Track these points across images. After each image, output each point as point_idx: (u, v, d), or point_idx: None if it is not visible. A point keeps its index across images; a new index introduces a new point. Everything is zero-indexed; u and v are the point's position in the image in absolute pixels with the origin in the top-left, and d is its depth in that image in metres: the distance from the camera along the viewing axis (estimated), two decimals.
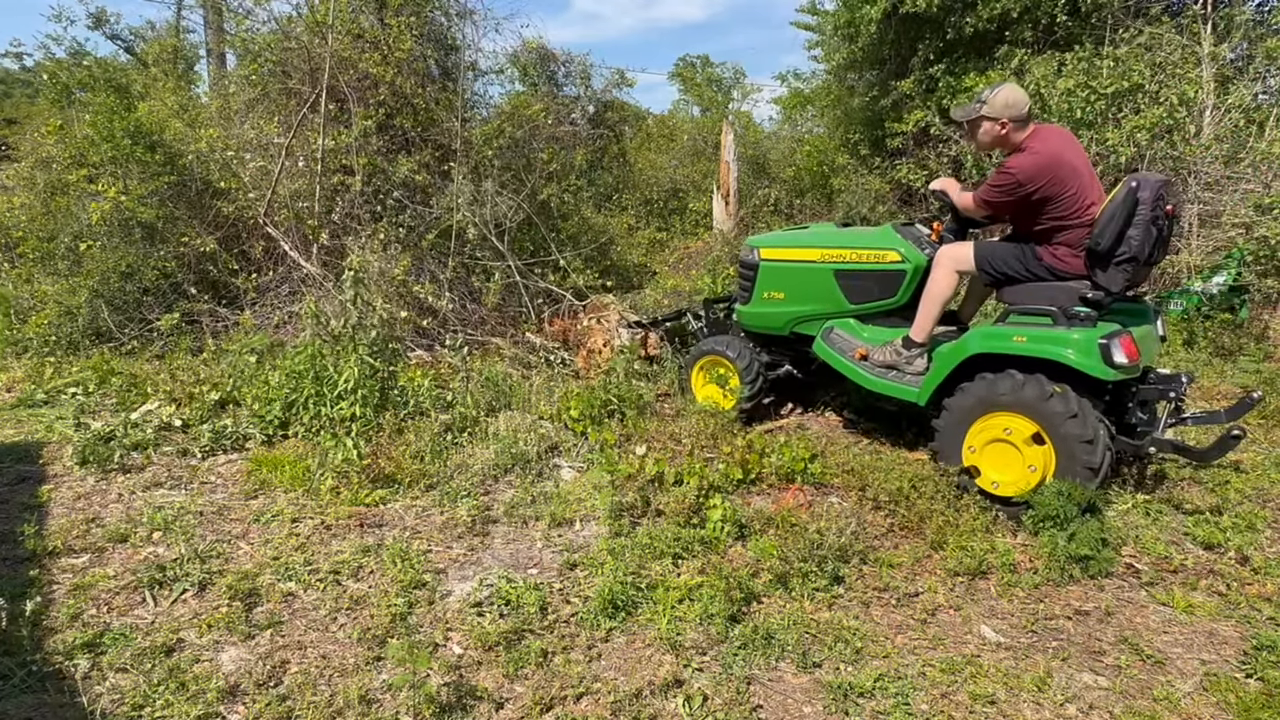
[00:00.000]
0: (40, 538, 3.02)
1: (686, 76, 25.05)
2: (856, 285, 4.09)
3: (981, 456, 3.37)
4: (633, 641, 2.49)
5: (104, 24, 9.31)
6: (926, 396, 3.62)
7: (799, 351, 4.55)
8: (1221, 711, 2.22)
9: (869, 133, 10.00)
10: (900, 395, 3.76)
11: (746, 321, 4.62)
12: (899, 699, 2.22)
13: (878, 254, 3.98)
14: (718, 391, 4.58)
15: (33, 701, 2.13)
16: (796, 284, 4.30)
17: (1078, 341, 3.11)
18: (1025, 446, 3.22)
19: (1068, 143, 3.43)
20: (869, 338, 4.08)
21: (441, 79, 7.54)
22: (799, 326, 4.36)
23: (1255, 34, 7.38)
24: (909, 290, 3.93)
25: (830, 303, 4.20)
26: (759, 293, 4.45)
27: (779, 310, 4.40)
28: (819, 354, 4.19)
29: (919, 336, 3.75)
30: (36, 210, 6.61)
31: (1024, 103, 3.38)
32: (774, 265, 4.39)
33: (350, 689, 2.20)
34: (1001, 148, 3.55)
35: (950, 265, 3.64)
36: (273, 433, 4.19)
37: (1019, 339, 3.26)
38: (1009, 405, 3.26)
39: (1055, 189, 3.27)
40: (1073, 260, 3.33)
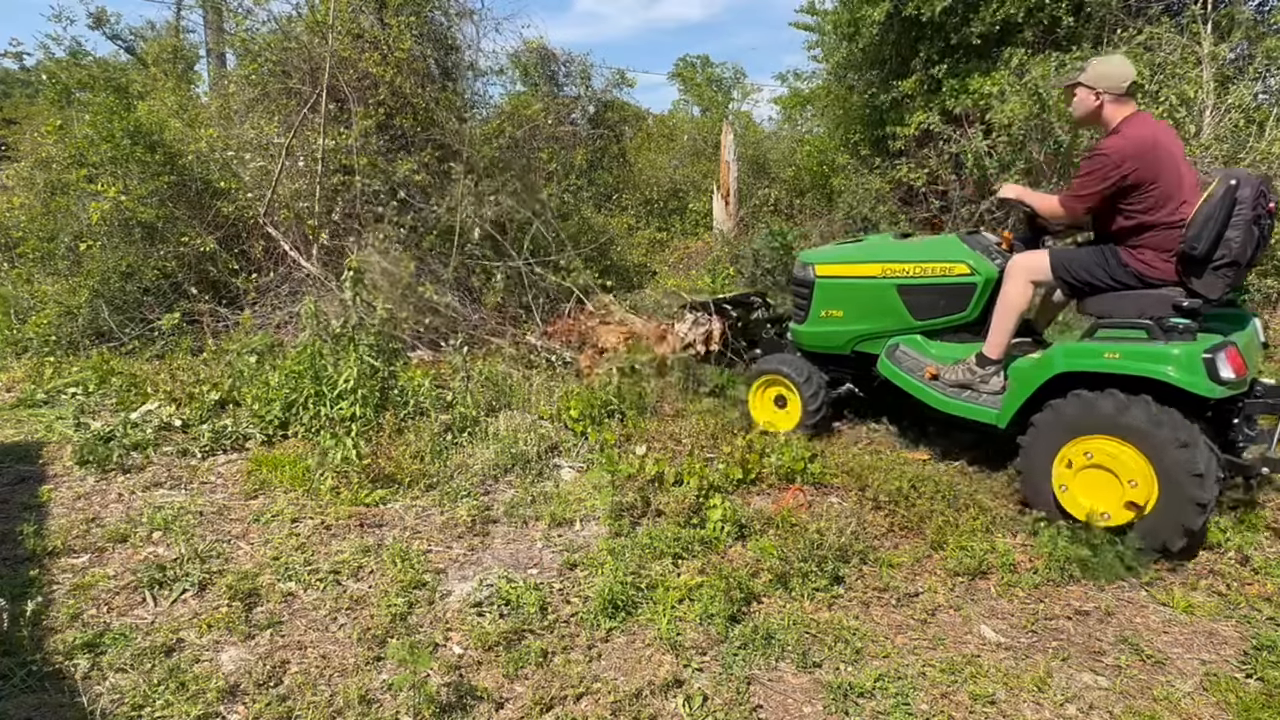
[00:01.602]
0: (40, 538, 3.02)
1: (686, 76, 25.06)
2: (922, 301, 3.86)
3: (1074, 484, 3.07)
4: (633, 641, 2.49)
5: (104, 24, 9.31)
6: (1008, 418, 3.34)
7: (861, 369, 4.30)
8: (1221, 711, 2.22)
9: (869, 132, 9.99)
10: (977, 417, 3.50)
11: (804, 341, 4.38)
12: (899, 699, 2.22)
13: (944, 266, 3.75)
14: (777, 413, 4.38)
15: (33, 701, 2.13)
16: (856, 301, 4.07)
17: (1178, 357, 2.82)
18: (1125, 475, 2.91)
19: (1165, 130, 3.18)
20: (938, 355, 3.84)
21: (441, 79, 7.54)
22: (861, 345, 4.13)
23: (1255, 34, 7.37)
24: (980, 304, 3.70)
25: (894, 320, 3.96)
26: (816, 311, 4.23)
27: (838, 329, 4.17)
28: (884, 374, 3.94)
29: (993, 353, 3.51)
30: (36, 210, 6.61)
31: (1123, 76, 3.09)
32: (831, 282, 4.16)
33: (350, 689, 2.20)
34: (1094, 124, 3.29)
35: (1024, 276, 3.39)
36: (273, 433, 4.19)
37: (1111, 355, 2.97)
38: (1107, 429, 2.95)
39: (1149, 174, 3.00)
40: (1162, 265, 3.07)
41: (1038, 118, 6.97)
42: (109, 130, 6.12)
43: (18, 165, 7.51)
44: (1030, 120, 7.02)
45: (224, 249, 6.35)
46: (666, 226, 11.78)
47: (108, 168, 6.26)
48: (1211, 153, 6.47)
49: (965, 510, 3.30)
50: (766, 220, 9.24)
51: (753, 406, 4.50)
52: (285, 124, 6.58)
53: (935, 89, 8.73)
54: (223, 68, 11.33)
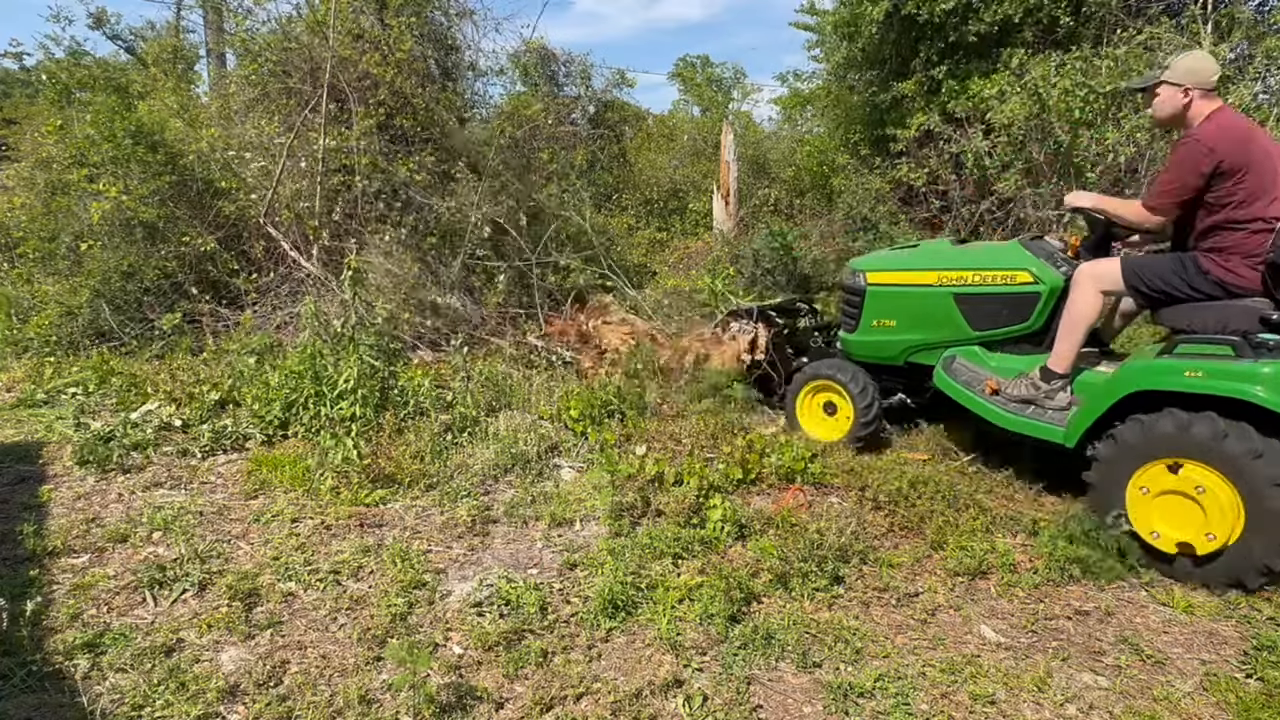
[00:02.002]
0: (40, 538, 3.02)
1: (686, 76, 25.04)
2: (982, 310, 3.70)
3: (1150, 509, 2.86)
4: (633, 641, 2.49)
5: (104, 24, 9.31)
6: (1076, 437, 3.13)
7: (913, 380, 4.17)
8: (1221, 711, 2.22)
9: (869, 133, 10.00)
10: (1042, 435, 3.29)
11: (854, 351, 4.25)
12: (899, 699, 2.22)
13: (1006, 275, 3.59)
14: (825, 420, 4.24)
15: (33, 701, 2.13)
16: (911, 310, 3.93)
17: (1269, 376, 2.61)
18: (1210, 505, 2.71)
19: (1257, 126, 3.02)
20: (997, 367, 3.69)
21: (441, 79, 7.54)
22: (915, 356, 4.00)
23: (1255, 34, 7.37)
24: (1044, 314, 3.54)
25: (950, 330, 3.82)
26: (867, 320, 4.10)
27: (891, 339, 4.04)
28: (941, 386, 3.77)
29: (1059, 367, 3.32)
30: (37, 210, 6.61)
31: (1211, 70, 2.93)
32: (884, 290, 4.02)
33: (350, 689, 2.20)
34: (1179, 124, 3.09)
35: (1093, 285, 3.19)
36: (273, 433, 4.19)
37: (1193, 374, 2.77)
38: (1195, 453, 2.72)
39: (1240, 160, 2.80)
40: (1247, 273, 2.86)
41: (1038, 118, 6.97)
42: (110, 130, 6.13)
43: (18, 165, 7.51)
44: (1030, 120, 7.02)
45: (224, 249, 6.35)
46: (666, 226, 11.78)
47: (109, 168, 6.26)
48: None
49: (965, 510, 3.30)
50: (766, 220, 9.24)
51: (799, 413, 4.33)
52: (285, 124, 6.58)
53: (935, 89, 8.74)
54: (223, 68, 11.32)
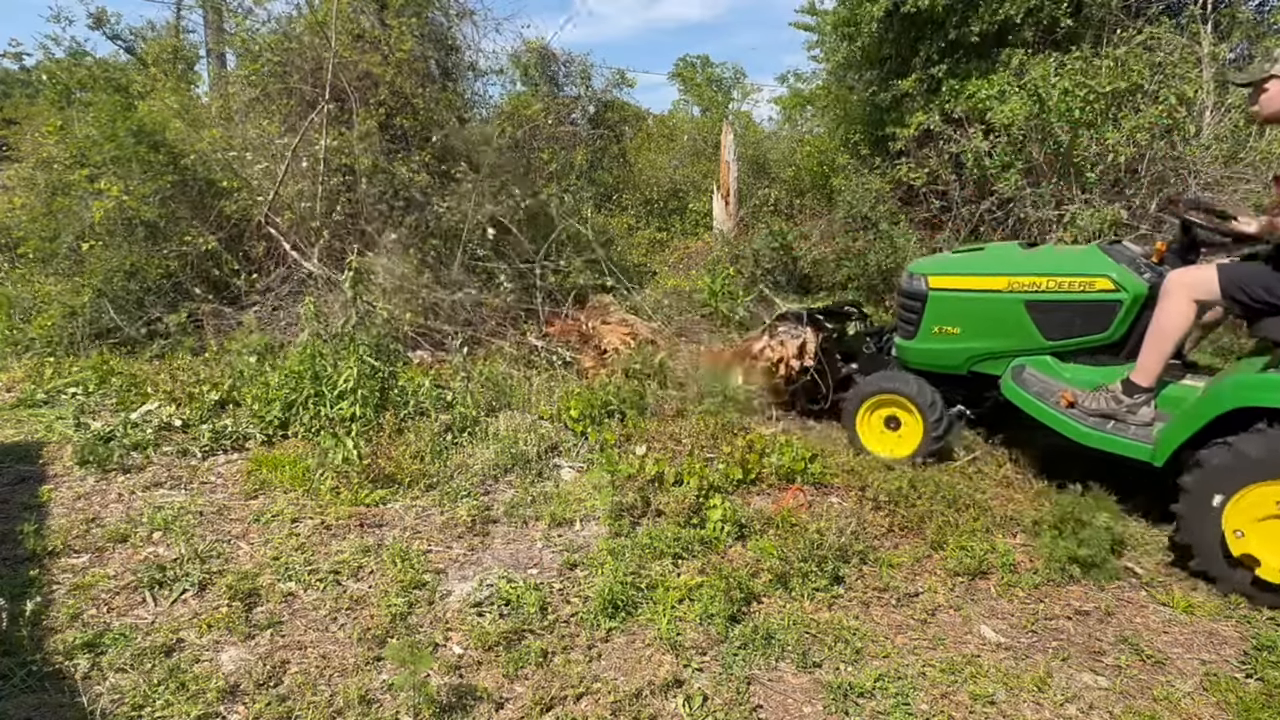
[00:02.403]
0: (40, 538, 3.02)
1: (687, 76, 25.04)
2: (1056, 318, 3.51)
3: (1253, 536, 2.66)
4: (633, 641, 2.49)
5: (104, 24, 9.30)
6: (1165, 456, 2.94)
7: (975, 391, 4.00)
8: (1221, 711, 2.22)
9: (869, 132, 10.00)
10: (1125, 452, 3.12)
11: (911, 359, 4.07)
12: (899, 699, 2.22)
13: (1085, 281, 3.40)
14: (887, 436, 4.06)
15: (33, 701, 2.13)
16: (977, 317, 3.74)
17: None
18: None
19: None
20: (1071, 379, 3.50)
21: (442, 79, 7.55)
22: (979, 365, 3.83)
23: (1255, 34, 7.38)
24: (1125, 324, 3.35)
25: (1020, 339, 3.63)
26: (927, 327, 3.91)
27: (953, 347, 3.85)
28: (1010, 397, 3.59)
29: (1144, 380, 3.14)
30: (38, 210, 6.61)
31: None
32: (947, 295, 3.83)
33: (350, 689, 2.20)
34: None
35: (1186, 293, 3.00)
36: (273, 433, 4.19)
37: None
38: None
39: None
40: None
41: (1037, 118, 6.97)
42: (112, 130, 6.13)
43: (19, 165, 7.51)
44: (1030, 120, 7.02)
45: (226, 249, 6.36)
46: (666, 226, 11.78)
47: (110, 167, 6.27)
48: (1212, 153, 6.48)
49: (965, 510, 3.30)
50: (766, 220, 9.24)
51: (860, 429, 4.11)
52: (286, 124, 6.59)
53: (935, 89, 8.74)
54: (223, 68, 11.32)
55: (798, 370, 4.59)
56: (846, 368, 4.55)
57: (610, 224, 9.88)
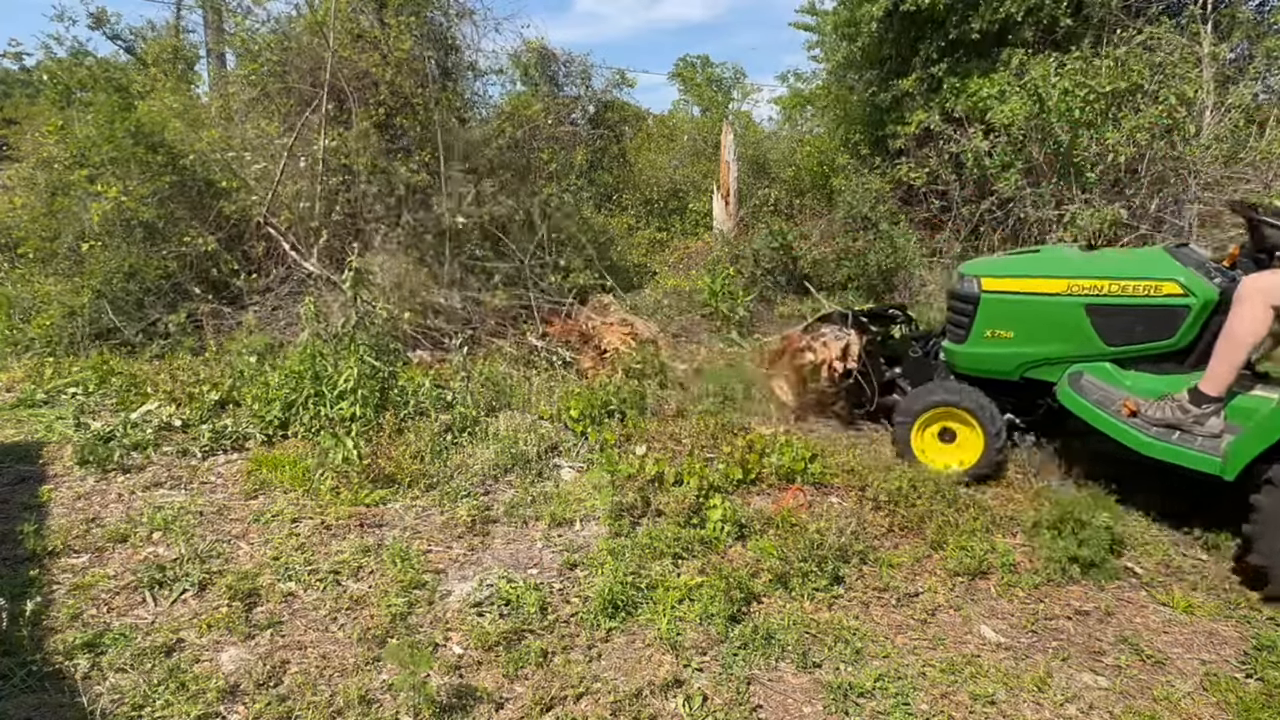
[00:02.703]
0: (40, 538, 3.02)
1: (687, 76, 25.05)
2: (1117, 323, 3.39)
3: None
4: (633, 641, 2.49)
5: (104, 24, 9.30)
6: (1237, 470, 2.81)
7: (1027, 398, 3.88)
8: (1221, 711, 2.22)
9: (869, 132, 10.01)
10: (1191, 465, 2.98)
11: (961, 363, 3.95)
12: (899, 699, 2.22)
13: (1150, 285, 3.27)
14: (943, 449, 3.92)
15: (33, 701, 2.13)
16: (1033, 321, 3.62)
17: None
18: None
19: None
20: (1133, 387, 3.38)
21: (441, 79, 7.54)
22: (1033, 371, 3.71)
23: (1255, 34, 7.38)
24: (1192, 330, 3.23)
25: (1079, 344, 3.51)
26: (979, 330, 3.79)
27: (1006, 351, 3.73)
28: (1067, 404, 3.47)
29: (1214, 389, 3.02)
30: (38, 210, 6.62)
31: None
32: (1001, 298, 3.71)
33: (350, 689, 2.20)
34: None
35: (1263, 300, 2.87)
36: (273, 433, 4.19)
37: None
38: None
39: None
40: None
41: (1038, 118, 6.97)
42: (111, 130, 6.13)
43: (19, 165, 7.51)
44: (1030, 120, 7.02)
45: (225, 249, 6.35)
46: (666, 226, 11.78)
47: (109, 168, 6.27)
48: (1212, 153, 6.48)
49: (965, 510, 3.31)
50: (766, 220, 9.24)
51: (916, 443, 3.95)
52: (285, 124, 6.59)
53: (935, 88, 8.74)
54: (223, 68, 11.32)
55: (840, 373, 4.46)
56: (891, 372, 4.44)
57: (610, 224, 9.88)
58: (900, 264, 7.42)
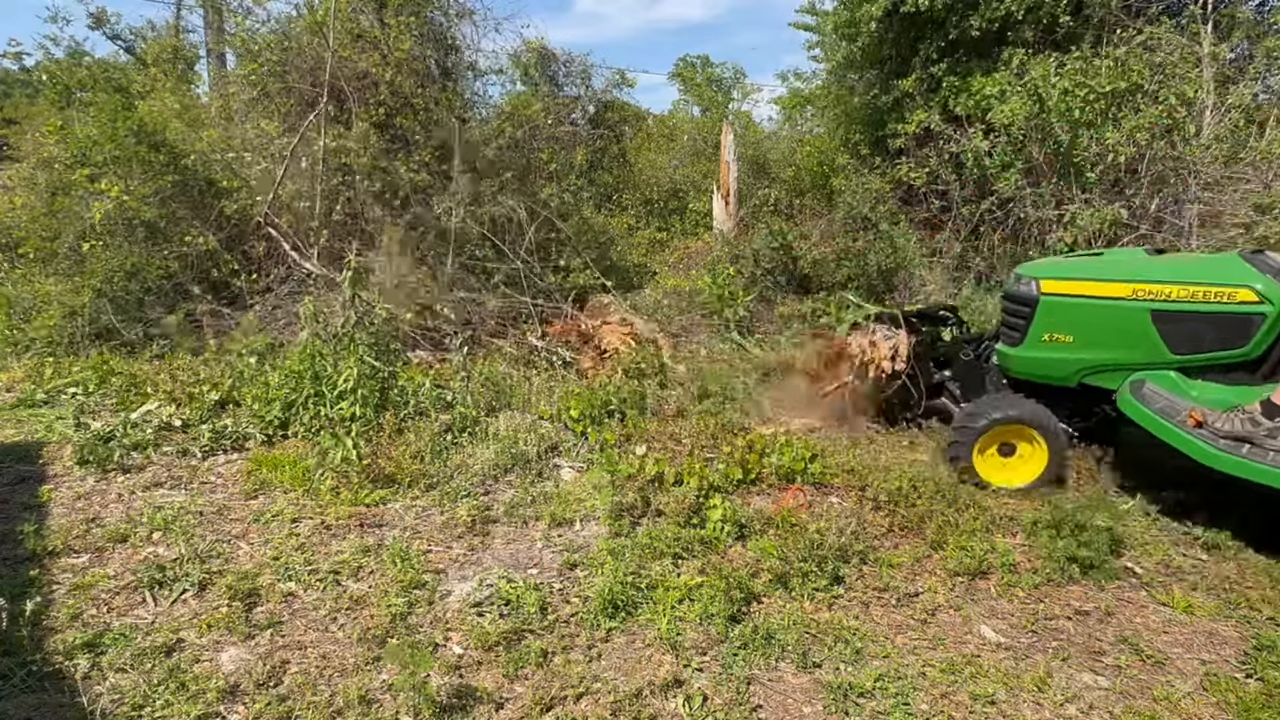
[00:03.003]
0: (40, 538, 3.02)
1: (687, 76, 25.05)
2: (1185, 330, 3.27)
3: None
4: (633, 641, 2.49)
5: (104, 24, 9.31)
6: None
7: (1082, 405, 3.78)
8: (1221, 711, 2.22)
9: (869, 132, 10.01)
10: (1261, 479, 2.86)
11: (1014, 368, 3.85)
12: (899, 699, 2.22)
13: (1223, 291, 3.15)
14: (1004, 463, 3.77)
15: (33, 701, 2.13)
16: (1094, 326, 3.51)
17: None
18: None
19: None
20: (1199, 397, 3.26)
21: (441, 79, 7.55)
22: (1092, 377, 3.60)
23: (1255, 34, 7.38)
24: (1266, 340, 3.11)
25: (1143, 351, 3.39)
26: (1036, 334, 3.69)
27: (1064, 356, 3.62)
28: (1127, 413, 3.36)
29: None
30: (38, 210, 6.62)
31: None
32: (1060, 301, 3.60)
33: (350, 689, 2.20)
34: None
35: None
36: (273, 433, 4.19)
37: None
38: None
39: None
40: None
41: (1038, 118, 6.97)
42: (113, 130, 6.13)
43: (19, 165, 7.51)
44: (1030, 120, 7.02)
45: (225, 249, 6.36)
46: (666, 226, 11.79)
47: (110, 167, 6.27)
48: (1212, 153, 6.48)
49: (965, 510, 3.30)
50: (766, 220, 9.25)
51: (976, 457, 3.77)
52: (285, 124, 6.59)
53: (935, 88, 8.74)
54: (223, 68, 11.33)
55: (889, 374, 4.35)
56: (940, 375, 4.36)
57: (610, 224, 9.88)
58: (900, 264, 7.43)
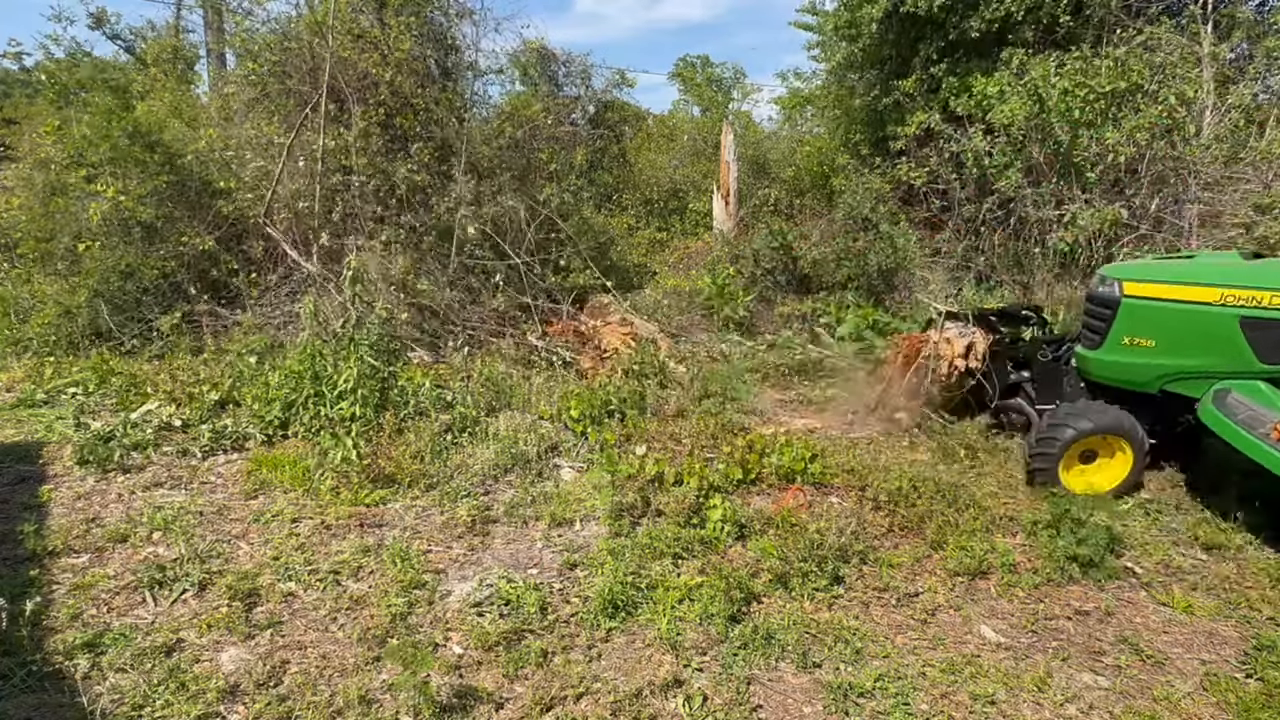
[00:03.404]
0: (40, 538, 3.02)
1: (687, 76, 25.03)
2: (1277, 339, 3.14)
3: None
4: (633, 641, 2.49)
5: (104, 24, 9.31)
6: None
7: (1162, 412, 3.63)
8: (1221, 711, 2.22)
9: (870, 133, 10.01)
10: None
11: (1093, 371, 3.76)
12: (899, 699, 2.22)
13: None
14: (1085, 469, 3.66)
15: (33, 701, 2.13)
16: (1178, 330, 3.39)
17: None
18: None
19: None
20: None
21: (441, 79, 7.54)
22: (1173, 384, 3.47)
23: (1255, 34, 7.38)
24: None
25: (1229, 358, 3.25)
26: (1116, 337, 3.59)
27: (1145, 361, 3.51)
28: (1208, 423, 3.23)
29: None
30: (36, 211, 6.61)
31: None
32: (1144, 304, 3.49)
33: (350, 689, 2.20)
34: None
35: None
36: (273, 433, 4.19)
37: None
38: None
39: None
40: None
41: (1038, 118, 6.97)
42: (107, 130, 6.12)
43: (17, 165, 7.50)
44: (1030, 120, 7.02)
45: (224, 249, 6.35)
46: (666, 226, 11.79)
47: (107, 168, 6.26)
48: (1212, 153, 6.48)
49: (965, 510, 3.30)
50: (766, 220, 9.24)
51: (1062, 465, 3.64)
52: (285, 124, 6.58)
53: (935, 88, 8.74)
54: (223, 68, 11.33)
55: (962, 371, 4.26)
56: (1017, 375, 4.23)
57: (610, 224, 9.88)
58: (900, 264, 7.42)
